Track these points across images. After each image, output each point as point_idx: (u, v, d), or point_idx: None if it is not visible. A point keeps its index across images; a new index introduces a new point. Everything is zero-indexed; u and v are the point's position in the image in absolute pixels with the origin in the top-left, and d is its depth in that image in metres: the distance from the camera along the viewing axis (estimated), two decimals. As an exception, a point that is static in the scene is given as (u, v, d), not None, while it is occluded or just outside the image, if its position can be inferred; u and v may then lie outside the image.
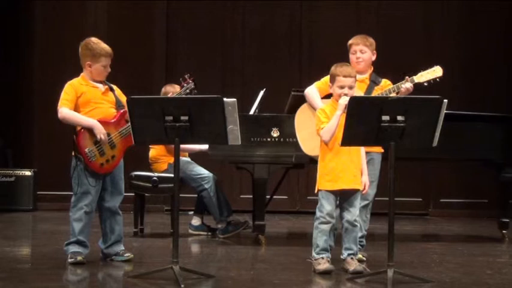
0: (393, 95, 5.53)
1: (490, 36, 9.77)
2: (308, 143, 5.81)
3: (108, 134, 5.27)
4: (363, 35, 5.78)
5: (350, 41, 5.77)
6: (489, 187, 8.46)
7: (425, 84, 5.65)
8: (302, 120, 5.92)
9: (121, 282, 4.90)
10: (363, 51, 5.69)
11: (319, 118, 5.04)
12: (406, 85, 5.54)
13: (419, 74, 5.65)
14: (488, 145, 6.83)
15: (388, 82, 5.69)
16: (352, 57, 5.72)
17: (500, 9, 9.77)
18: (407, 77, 5.58)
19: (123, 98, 5.37)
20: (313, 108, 5.77)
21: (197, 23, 9.80)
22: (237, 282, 4.74)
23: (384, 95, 5.52)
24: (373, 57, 5.74)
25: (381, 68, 5.92)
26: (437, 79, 5.66)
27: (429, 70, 5.67)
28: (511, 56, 9.71)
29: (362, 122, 4.66)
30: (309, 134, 5.76)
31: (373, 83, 5.66)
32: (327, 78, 5.73)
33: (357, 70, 5.54)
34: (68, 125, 5.34)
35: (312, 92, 5.78)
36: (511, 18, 9.78)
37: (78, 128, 5.24)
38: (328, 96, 5.78)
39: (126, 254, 5.40)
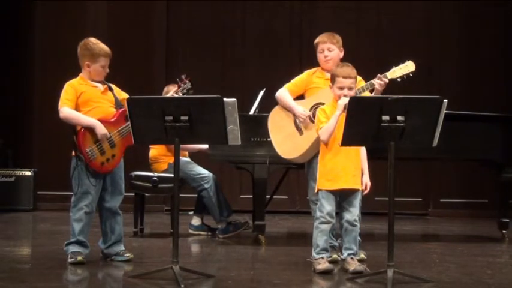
0: (367, 92, 5.49)
1: (490, 37, 9.77)
2: (283, 145, 5.79)
3: (108, 133, 5.27)
4: (329, 33, 5.73)
5: (316, 40, 5.73)
6: (489, 187, 8.46)
7: (399, 80, 5.56)
8: (275, 123, 5.88)
9: (121, 282, 4.91)
10: (330, 49, 5.66)
11: (318, 118, 5.05)
12: (378, 80, 5.46)
13: (392, 70, 5.57)
14: (488, 145, 6.83)
15: (359, 78, 5.60)
16: (320, 56, 5.69)
17: (500, 9, 9.77)
18: (379, 75, 5.53)
19: (123, 96, 5.38)
20: (286, 109, 5.75)
21: (197, 23, 9.80)
22: (237, 282, 4.74)
23: (357, 93, 5.47)
24: (341, 54, 5.70)
25: (381, 68, 5.91)
26: (411, 74, 5.58)
27: (401, 65, 5.57)
28: (511, 56, 9.71)
29: (362, 122, 4.66)
30: (284, 136, 5.75)
31: None
32: (297, 79, 5.76)
33: (326, 69, 5.53)
34: (67, 125, 5.34)
35: (284, 94, 5.78)
36: (511, 18, 9.78)
37: (79, 128, 5.24)
38: (300, 97, 5.76)
39: (126, 254, 5.40)
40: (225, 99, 4.71)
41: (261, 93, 7.00)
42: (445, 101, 4.65)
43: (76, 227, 5.26)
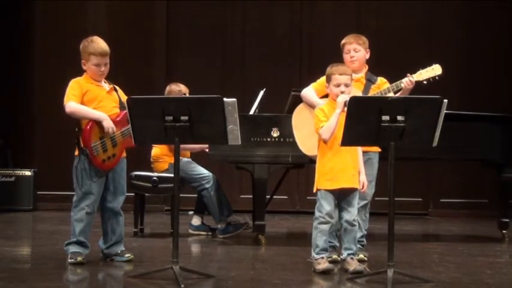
0: (391, 94, 5.52)
1: (490, 36, 9.77)
2: (306, 143, 5.80)
3: (114, 127, 5.26)
4: (355, 34, 5.75)
5: (343, 41, 5.74)
6: (489, 187, 8.46)
7: (425, 82, 5.63)
8: (299, 121, 5.91)
9: (121, 282, 4.91)
10: (356, 50, 5.67)
11: (318, 117, 5.05)
12: (407, 79, 5.51)
13: (418, 72, 5.63)
14: (488, 145, 6.83)
15: (384, 80, 5.67)
16: (346, 56, 5.70)
17: (500, 9, 9.77)
18: (408, 74, 5.56)
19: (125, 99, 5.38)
20: (311, 107, 5.77)
21: (197, 23, 9.80)
22: (237, 282, 4.74)
23: (383, 94, 5.50)
24: (367, 56, 5.72)
25: (381, 68, 5.92)
26: (437, 77, 5.64)
27: (428, 68, 5.65)
28: (511, 56, 9.71)
29: (362, 122, 4.66)
30: (307, 134, 5.75)
31: (369, 81, 5.65)
32: (322, 79, 5.74)
33: (352, 69, 5.54)
34: (69, 123, 5.33)
35: (308, 92, 5.79)
36: (511, 18, 9.78)
37: (85, 123, 5.23)
38: (324, 97, 5.79)
39: (127, 255, 5.40)
40: (225, 99, 4.71)
41: (261, 93, 7.00)
42: (445, 101, 4.65)
43: (77, 227, 5.26)
